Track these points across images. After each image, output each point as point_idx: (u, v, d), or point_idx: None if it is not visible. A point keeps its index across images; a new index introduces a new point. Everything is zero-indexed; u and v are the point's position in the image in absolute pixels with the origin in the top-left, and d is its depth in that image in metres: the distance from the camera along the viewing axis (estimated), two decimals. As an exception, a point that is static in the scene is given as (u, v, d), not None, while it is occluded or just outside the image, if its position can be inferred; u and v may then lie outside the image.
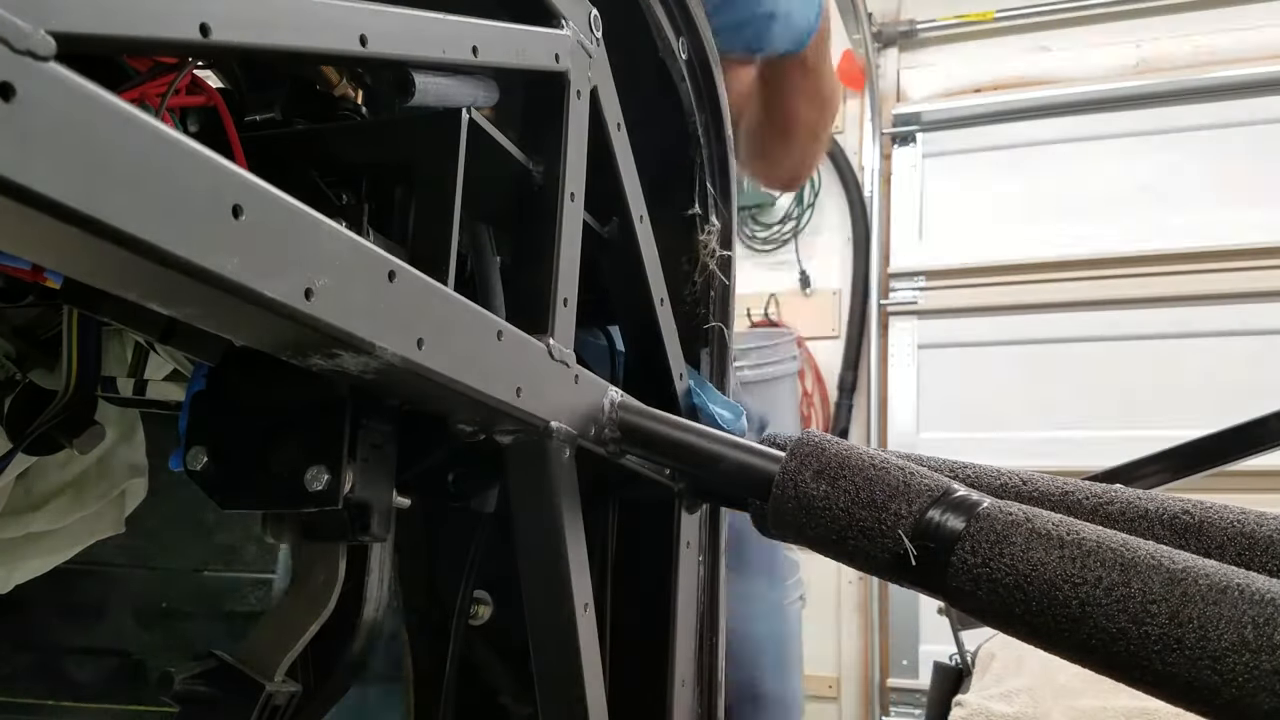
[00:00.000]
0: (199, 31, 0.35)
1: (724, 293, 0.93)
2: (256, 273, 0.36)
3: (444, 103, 0.57)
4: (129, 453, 0.82)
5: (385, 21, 0.47)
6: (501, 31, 0.58)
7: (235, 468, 0.56)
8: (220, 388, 0.57)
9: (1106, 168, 3.21)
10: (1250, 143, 3.08)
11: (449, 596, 0.80)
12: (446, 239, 0.54)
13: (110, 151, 0.30)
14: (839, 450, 0.61)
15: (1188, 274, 3.07)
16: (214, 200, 0.34)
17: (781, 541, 0.90)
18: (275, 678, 0.58)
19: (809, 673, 3.33)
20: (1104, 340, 3.17)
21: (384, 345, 0.43)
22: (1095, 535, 0.52)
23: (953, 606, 0.65)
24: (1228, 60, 3.13)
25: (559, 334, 0.61)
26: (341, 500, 0.54)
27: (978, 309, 3.32)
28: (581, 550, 0.63)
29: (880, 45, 3.52)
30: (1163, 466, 1.50)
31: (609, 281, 0.79)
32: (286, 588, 0.62)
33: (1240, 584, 0.48)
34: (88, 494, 0.80)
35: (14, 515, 0.76)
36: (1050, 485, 0.64)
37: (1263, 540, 0.57)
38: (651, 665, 0.81)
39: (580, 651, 0.62)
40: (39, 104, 0.27)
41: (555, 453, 0.60)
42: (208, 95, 0.52)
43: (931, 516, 0.56)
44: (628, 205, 0.75)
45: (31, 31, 0.27)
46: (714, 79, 0.90)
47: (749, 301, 3.57)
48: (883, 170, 3.50)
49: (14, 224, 0.29)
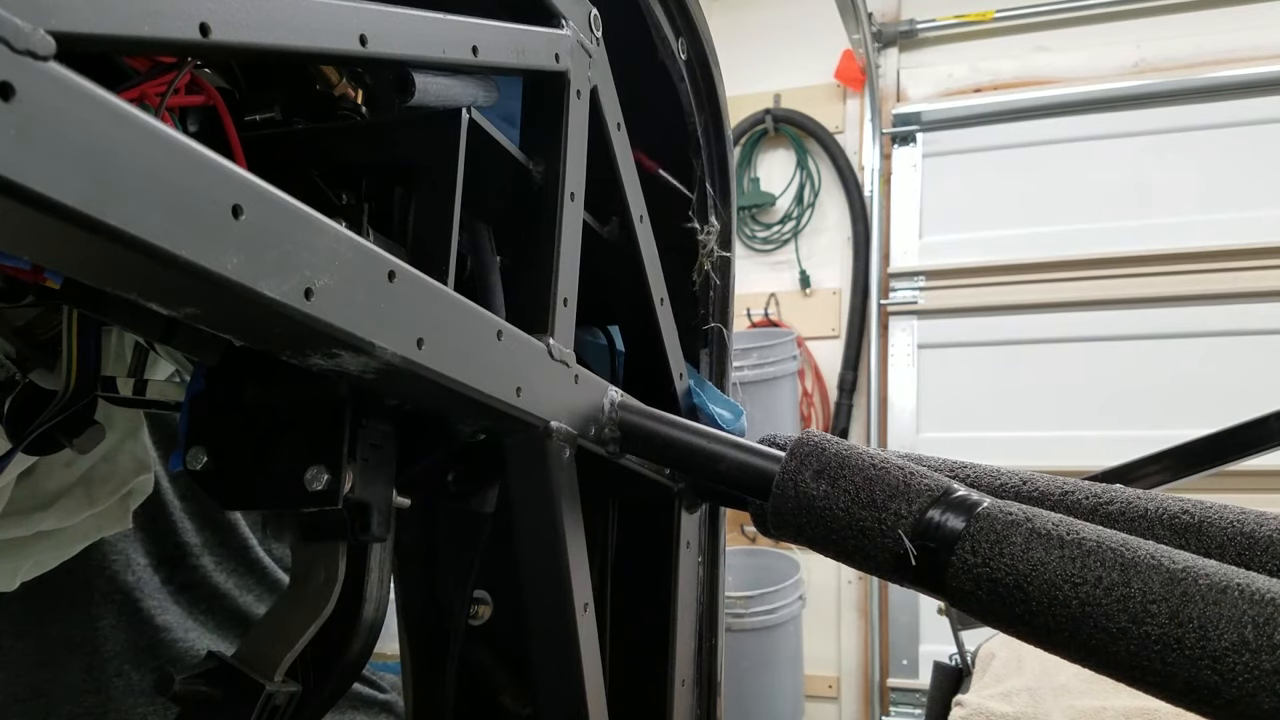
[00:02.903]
0: (199, 31, 0.35)
1: (723, 293, 0.93)
2: (256, 273, 0.36)
3: (444, 103, 0.57)
4: (135, 450, 0.82)
5: (385, 21, 0.47)
6: (501, 31, 0.58)
7: (235, 468, 0.55)
8: (220, 388, 0.57)
9: (1107, 167, 3.21)
10: (1251, 142, 3.07)
11: (449, 596, 0.80)
12: (446, 239, 0.54)
13: (110, 151, 0.30)
14: (839, 450, 0.61)
15: (1188, 274, 3.07)
16: (214, 200, 0.34)
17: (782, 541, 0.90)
18: (275, 678, 0.58)
19: (809, 673, 3.34)
20: (1105, 340, 3.17)
21: (384, 345, 0.43)
22: (1095, 535, 0.52)
23: (953, 606, 0.65)
24: (1227, 60, 3.13)
25: (559, 334, 0.61)
26: (341, 500, 0.54)
27: (978, 309, 3.31)
28: (581, 550, 0.63)
29: (880, 45, 3.52)
30: (1163, 466, 1.50)
31: (609, 281, 0.79)
32: (287, 588, 0.62)
33: (1240, 584, 0.48)
34: (97, 492, 0.80)
35: (23, 514, 0.76)
36: (1050, 485, 0.64)
37: (1263, 540, 0.57)
38: (651, 665, 0.81)
39: (580, 651, 0.62)
40: (39, 104, 0.27)
41: (555, 453, 0.60)
42: (207, 95, 0.52)
43: (931, 516, 0.56)
44: (628, 205, 0.75)
45: (31, 31, 0.27)
46: (714, 79, 0.90)
47: (749, 301, 3.57)
48: (883, 170, 3.50)
49: (14, 224, 0.29)
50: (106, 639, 1.01)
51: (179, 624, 1.04)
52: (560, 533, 0.61)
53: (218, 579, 1.08)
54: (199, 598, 1.07)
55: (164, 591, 1.04)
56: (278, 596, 0.85)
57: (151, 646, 1.02)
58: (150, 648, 1.02)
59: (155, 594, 1.03)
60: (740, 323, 3.55)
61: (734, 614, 2.97)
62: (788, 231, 3.62)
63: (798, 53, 3.64)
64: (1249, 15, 3.14)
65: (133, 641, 1.02)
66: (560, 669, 0.62)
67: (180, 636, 1.03)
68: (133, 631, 1.02)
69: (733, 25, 3.61)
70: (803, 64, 3.63)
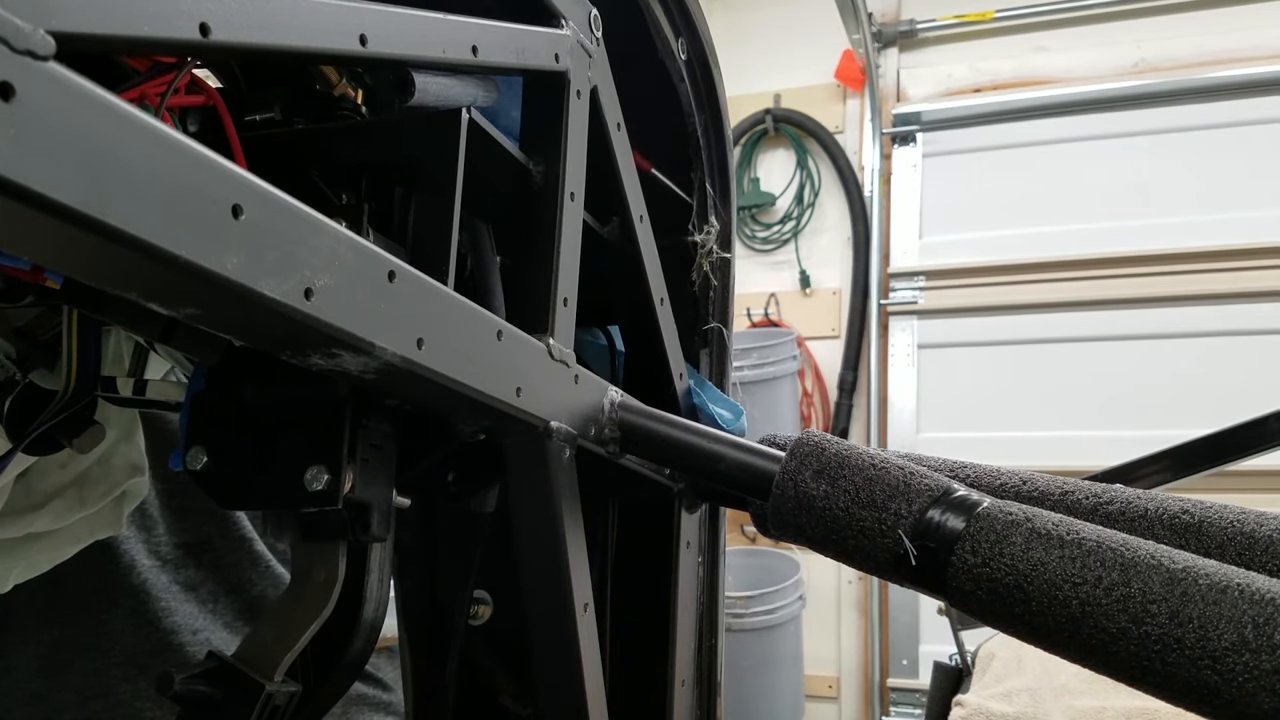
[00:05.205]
0: (199, 31, 0.35)
1: (723, 293, 0.93)
2: (256, 273, 0.36)
3: (444, 103, 0.57)
4: (129, 452, 0.82)
5: (385, 21, 0.47)
6: (501, 31, 0.58)
7: (235, 467, 0.55)
8: (220, 388, 0.57)
9: (1107, 167, 3.21)
10: (1251, 142, 3.07)
11: (449, 597, 0.80)
12: (446, 239, 0.54)
13: (110, 151, 0.30)
14: (839, 450, 0.61)
15: (1187, 274, 3.07)
16: (214, 200, 0.34)
17: (782, 541, 0.90)
18: (275, 678, 0.58)
19: (809, 673, 3.34)
20: (1105, 340, 3.17)
21: (384, 345, 0.43)
22: (1095, 535, 0.52)
23: (953, 606, 0.65)
24: (1227, 60, 3.13)
25: (559, 334, 0.61)
26: (341, 500, 0.54)
27: (978, 309, 3.32)
28: (581, 550, 0.63)
29: (880, 45, 3.52)
30: (1163, 466, 1.50)
31: (609, 281, 0.79)
32: (287, 588, 0.62)
33: (1240, 584, 0.48)
34: (89, 494, 0.80)
35: (15, 515, 0.76)
36: (1050, 485, 0.64)
37: (1263, 540, 0.57)
38: (651, 665, 0.81)
39: (580, 651, 0.62)
40: (39, 104, 0.27)
41: (555, 453, 0.60)
42: (207, 95, 0.52)
43: (931, 516, 0.56)
44: (628, 205, 0.75)
45: (31, 31, 0.27)
46: (714, 79, 0.90)
47: (749, 301, 3.58)
48: (883, 170, 3.50)
49: (14, 224, 0.29)
50: (114, 643, 1.01)
51: (186, 625, 1.03)
52: (560, 533, 0.61)
53: (224, 577, 1.08)
54: (206, 597, 1.07)
55: (171, 591, 1.04)
56: (278, 596, 0.85)
57: (159, 649, 1.02)
58: (158, 650, 1.02)
59: (163, 594, 1.03)
60: (740, 323, 3.55)
61: (734, 614, 2.97)
62: (788, 231, 3.62)
63: (798, 53, 3.64)
64: (1249, 15, 3.14)
65: (140, 644, 1.02)
66: (560, 669, 0.62)
67: (188, 639, 1.03)
68: (139, 634, 1.02)
69: (733, 25, 3.61)
70: (803, 64, 3.63)
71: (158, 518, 1.05)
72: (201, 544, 1.07)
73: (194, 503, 1.07)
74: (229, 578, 1.09)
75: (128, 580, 1.02)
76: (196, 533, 1.07)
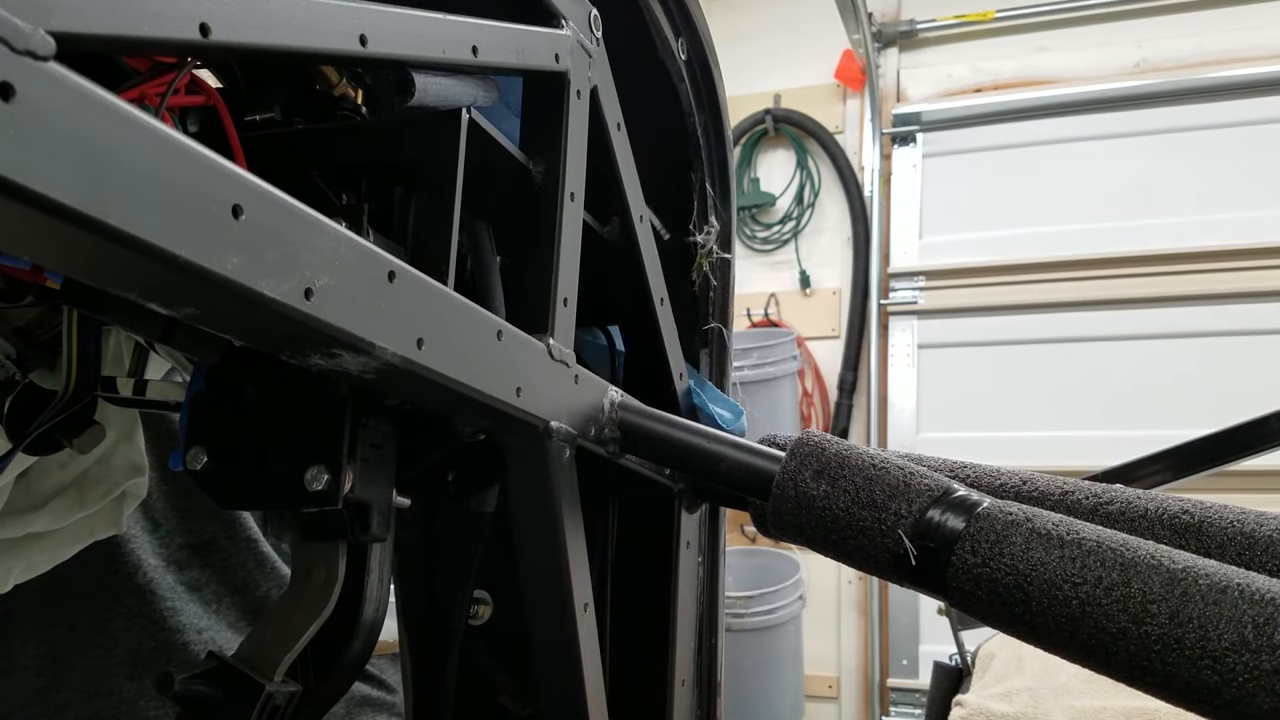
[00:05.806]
0: (199, 31, 0.35)
1: (723, 293, 0.93)
2: (256, 273, 0.36)
3: (444, 103, 0.57)
4: (129, 452, 0.82)
5: (385, 21, 0.47)
6: (501, 31, 0.58)
7: (235, 467, 0.55)
8: (220, 388, 0.57)
9: (1107, 167, 3.21)
10: (1251, 142, 3.07)
11: (449, 597, 0.80)
12: (446, 239, 0.54)
13: (110, 151, 0.30)
14: (839, 450, 0.61)
15: (1188, 274, 3.07)
16: (214, 200, 0.34)
17: (782, 541, 0.90)
18: (275, 678, 0.58)
19: (809, 673, 3.34)
20: (1105, 340, 3.17)
21: (384, 345, 0.43)
22: (1095, 535, 0.52)
23: (953, 606, 0.65)
24: (1228, 60, 3.13)
25: (559, 334, 0.61)
26: (341, 500, 0.54)
27: (978, 309, 3.31)
28: (581, 550, 0.63)
29: (880, 45, 3.52)
30: (1163, 466, 1.50)
31: (609, 281, 0.79)
32: (286, 588, 0.62)
33: (1240, 584, 0.48)
34: (89, 494, 0.80)
35: (15, 515, 0.76)
36: (1050, 485, 0.64)
37: (1263, 540, 0.57)
38: (651, 665, 0.81)
39: (580, 651, 0.62)
40: (39, 104, 0.27)
41: (555, 453, 0.60)
42: (207, 95, 0.52)
43: (931, 516, 0.56)
44: (628, 205, 0.75)
45: (31, 31, 0.27)
46: (714, 79, 0.90)
47: (749, 301, 3.58)
48: (883, 170, 3.50)
49: (14, 224, 0.29)
50: (118, 642, 1.01)
51: (191, 625, 1.04)
52: (560, 533, 0.61)
53: (230, 577, 1.09)
54: (211, 597, 1.07)
55: (176, 591, 1.04)
56: (278, 596, 0.85)
57: (163, 648, 1.02)
58: (162, 649, 1.02)
59: (168, 594, 1.03)
60: (740, 323, 3.55)
61: (734, 614, 2.97)
62: (788, 231, 3.62)
63: (798, 53, 3.64)
64: (1249, 15, 3.14)
65: (144, 643, 1.02)
66: (560, 669, 0.62)
67: (193, 639, 1.03)
68: (144, 633, 1.02)
69: (733, 25, 3.61)
70: (803, 64, 3.63)
71: (163, 518, 1.06)
72: (207, 544, 1.08)
73: (200, 504, 1.07)
74: (234, 578, 1.09)
75: (133, 580, 1.02)
76: (202, 533, 1.07)
